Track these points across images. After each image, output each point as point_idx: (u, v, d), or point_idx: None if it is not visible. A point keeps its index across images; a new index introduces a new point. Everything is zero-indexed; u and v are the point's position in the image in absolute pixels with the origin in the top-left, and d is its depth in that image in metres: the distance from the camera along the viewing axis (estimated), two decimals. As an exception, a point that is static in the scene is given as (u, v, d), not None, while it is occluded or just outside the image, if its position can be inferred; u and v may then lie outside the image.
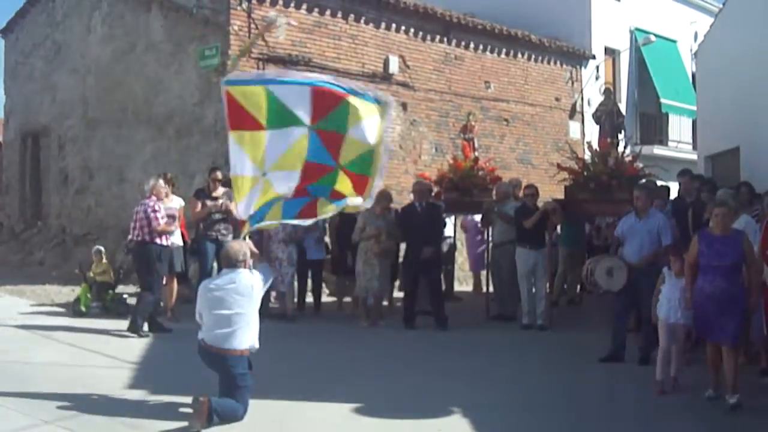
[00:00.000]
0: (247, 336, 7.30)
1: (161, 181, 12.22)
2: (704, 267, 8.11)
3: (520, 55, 22.11)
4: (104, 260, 13.47)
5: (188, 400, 7.13)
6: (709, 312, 8.08)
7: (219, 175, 13.26)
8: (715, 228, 8.22)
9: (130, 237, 12.11)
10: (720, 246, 8.04)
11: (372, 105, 7.90)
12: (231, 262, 7.47)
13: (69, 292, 14.60)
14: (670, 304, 8.75)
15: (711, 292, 8.03)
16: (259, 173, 7.87)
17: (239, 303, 7.26)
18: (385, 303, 13.78)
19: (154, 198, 11.81)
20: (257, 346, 7.46)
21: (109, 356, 10.08)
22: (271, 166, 7.85)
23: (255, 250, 8.08)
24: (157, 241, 11.71)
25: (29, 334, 11.41)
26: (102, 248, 13.84)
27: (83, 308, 12.84)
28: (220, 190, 13.12)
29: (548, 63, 23.01)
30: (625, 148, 13.63)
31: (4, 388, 8.12)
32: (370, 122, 7.84)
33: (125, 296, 13.35)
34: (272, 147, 7.82)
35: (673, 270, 8.79)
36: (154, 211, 11.65)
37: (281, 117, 7.78)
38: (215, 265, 12.43)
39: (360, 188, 7.97)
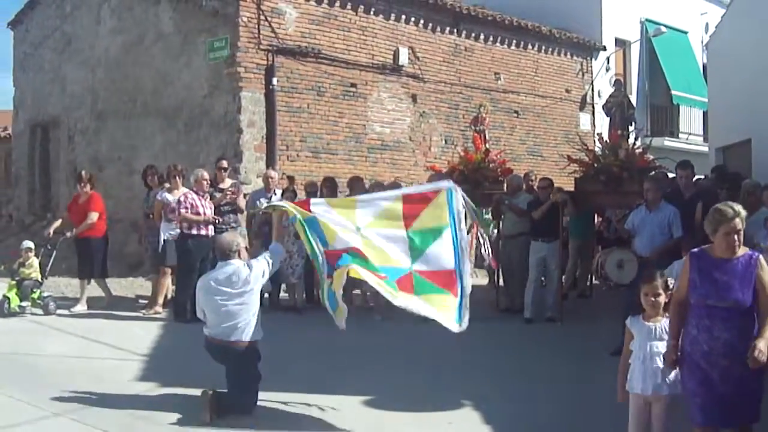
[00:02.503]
0: (250, 327, 7.25)
1: (203, 173, 12.47)
2: (699, 308, 5.60)
3: (530, 47, 22.04)
4: (32, 257, 12.66)
5: (197, 392, 7.13)
6: (709, 380, 5.55)
7: (225, 164, 13.29)
8: (718, 248, 5.63)
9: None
10: (722, 275, 5.53)
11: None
12: (224, 254, 7.43)
13: (78, 284, 14.60)
14: (645, 367, 6.00)
15: (710, 349, 5.53)
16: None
17: (238, 294, 7.21)
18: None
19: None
20: (261, 334, 7.41)
21: (118, 348, 10.08)
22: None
23: (280, 225, 8.08)
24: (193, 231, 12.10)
25: (38, 326, 11.42)
26: (32, 244, 12.89)
27: (15, 308, 12.08)
28: (228, 182, 13.12)
29: (558, 54, 22.94)
30: (635, 139, 13.56)
31: (14, 380, 8.14)
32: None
33: (49, 295, 12.71)
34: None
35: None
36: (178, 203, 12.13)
37: None
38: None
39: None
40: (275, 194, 13.46)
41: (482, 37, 20.70)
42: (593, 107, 23.23)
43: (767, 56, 15.16)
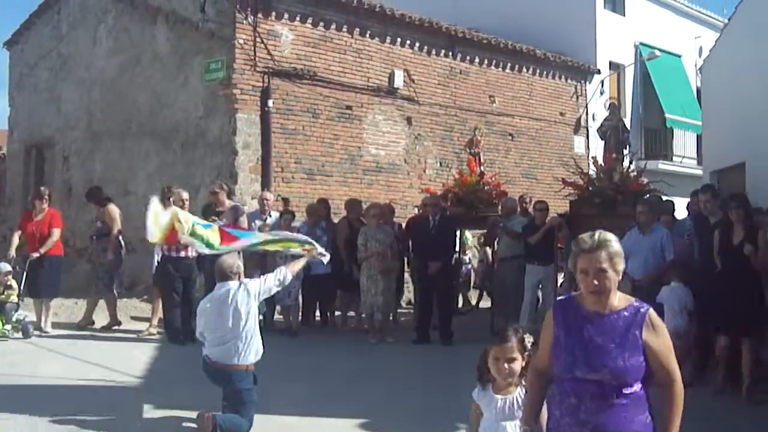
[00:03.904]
0: (249, 350, 7.22)
1: (182, 193, 12.50)
2: (563, 380, 4.07)
3: (524, 70, 22.12)
4: (11, 279, 12.27)
5: (193, 415, 7.11)
6: None
7: (216, 187, 13.24)
8: (586, 297, 4.08)
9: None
10: (596, 335, 3.98)
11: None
12: (224, 276, 7.41)
13: (72, 305, 14.60)
14: None
15: None
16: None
17: (236, 316, 7.18)
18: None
19: None
20: (260, 357, 7.39)
21: (113, 370, 10.03)
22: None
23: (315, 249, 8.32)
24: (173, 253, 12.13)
25: (34, 348, 11.38)
26: (8, 266, 12.41)
27: (4, 331, 11.88)
28: (228, 203, 13.11)
29: (553, 78, 23.03)
30: (630, 163, 13.61)
31: (10, 402, 8.09)
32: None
33: (25, 316, 12.39)
34: None
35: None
36: None
37: None
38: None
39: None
40: (270, 216, 13.47)
41: (477, 60, 20.78)
42: (587, 130, 23.28)
43: (762, 80, 15.20)
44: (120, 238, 13.23)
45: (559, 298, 4.50)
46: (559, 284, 13.41)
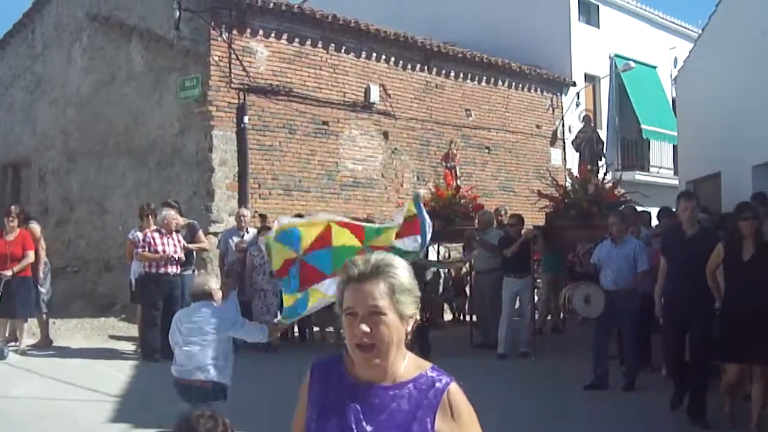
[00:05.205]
0: (215, 369, 7.16)
1: (170, 213, 12.44)
2: None
3: (500, 83, 22.20)
4: None
5: (170, 433, 7.05)
6: None
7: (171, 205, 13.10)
8: (354, 357, 2.74)
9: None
10: (368, 419, 2.68)
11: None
12: (194, 296, 7.38)
13: (50, 325, 14.50)
14: None
15: None
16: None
17: (207, 336, 7.12)
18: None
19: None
20: (229, 379, 7.31)
21: (90, 389, 10.00)
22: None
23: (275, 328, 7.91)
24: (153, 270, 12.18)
25: (8, 368, 11.30)
26: None
27: None
28: (182, 221, 12.94)
29: (529, 90, 23.11)
30: (605, 174, 13.68)
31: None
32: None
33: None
34: None
35: None
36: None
37: None
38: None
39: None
40: (247, 233, 13.46)
41: (453, 74, 20.84)
42: (564, 142, 23.36)
43: (735, 90, 15.33)
44: (44, 256, 13.08)
45: (318, 359, 2.91)
46: (563, 293, 13.41)
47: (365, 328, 2.58)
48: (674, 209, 9.98)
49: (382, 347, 2.62)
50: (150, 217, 12.81)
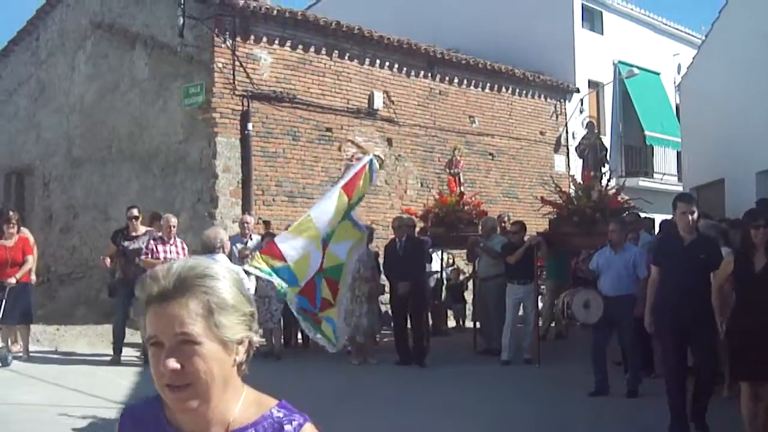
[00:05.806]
0: None
1: (170, 219, 12.48)
2: None
3: (504, 90, 22.19)
4: None
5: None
6: None
7: (135, 212, 13.07)
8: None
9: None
10: None
11: (357, 231, 9.45)
12: (209, 248, 7.32)
13: (53, 332, 14.52)
14: None
15: None
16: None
17: None
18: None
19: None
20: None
21: (93, 396, 9.98)
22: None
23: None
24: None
25: (12, 374, 11.30)
26: None
27: None
28: (142, 229, 13.01)
29: (532, 97, 23.11)
30: (609, 180, 13.66)
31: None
32: (349, 244, 9.21)
33: (4, 346, 12.37)
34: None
35: None
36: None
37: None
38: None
39: (334, 292, 8.87)
40: (251, 239, 13.46)
41: (456, 80, 20.85)
42: (568, 149, 23.33)
43: (739, 96, 15.34)
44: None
45: (130, 406, 2.32)
46: (561, 299, 13.41)
47: (173, 364, 1.89)
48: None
49: (199, 387, 1.92)
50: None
